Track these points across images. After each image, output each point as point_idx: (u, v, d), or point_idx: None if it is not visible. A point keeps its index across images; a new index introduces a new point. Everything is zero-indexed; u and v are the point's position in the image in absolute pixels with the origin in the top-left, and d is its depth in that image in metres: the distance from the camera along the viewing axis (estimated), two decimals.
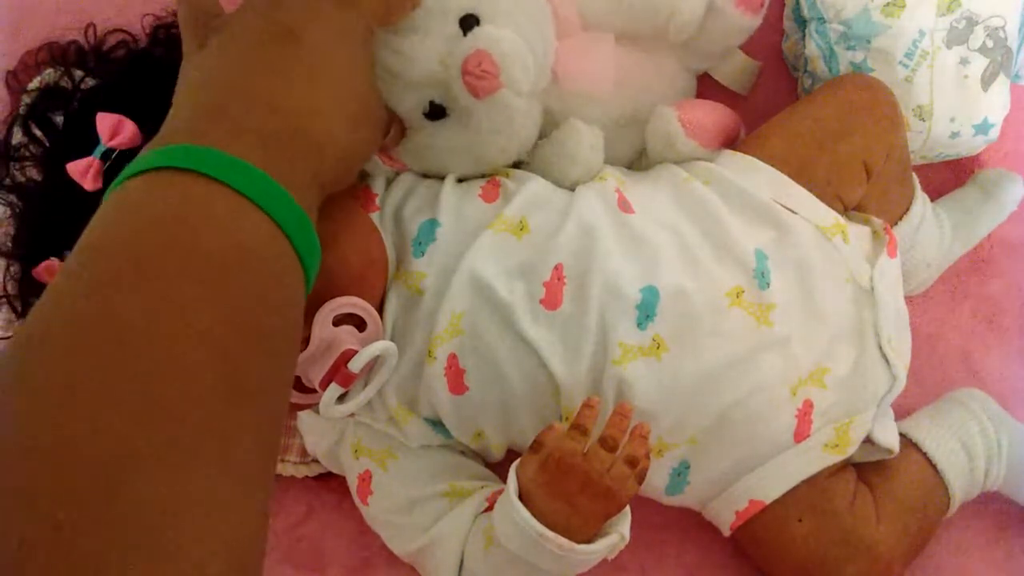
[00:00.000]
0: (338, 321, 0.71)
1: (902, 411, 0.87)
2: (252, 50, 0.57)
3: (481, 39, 0.73)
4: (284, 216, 0.51)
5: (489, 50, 0.72)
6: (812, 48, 0.90)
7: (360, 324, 0.73)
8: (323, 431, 0.85)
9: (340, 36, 0.61)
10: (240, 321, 0.45)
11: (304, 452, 0.91)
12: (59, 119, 0.81)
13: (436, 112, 0.76)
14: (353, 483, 0.82)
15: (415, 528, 0.78)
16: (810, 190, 0.82)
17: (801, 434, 0.79)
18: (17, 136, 0.82)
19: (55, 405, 0.39)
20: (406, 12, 0.70)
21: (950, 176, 0.99)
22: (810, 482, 0.79)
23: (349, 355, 0.69)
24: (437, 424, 0.80)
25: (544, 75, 0.80)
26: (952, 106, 0.88)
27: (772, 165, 0.82)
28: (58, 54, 0.90)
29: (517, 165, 0.84)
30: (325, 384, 0.70)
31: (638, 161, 0.91)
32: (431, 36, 0.74)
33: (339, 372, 0.69)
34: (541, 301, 0.75)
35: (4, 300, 0.84)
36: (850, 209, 0.85)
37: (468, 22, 0.75)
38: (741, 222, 0.80)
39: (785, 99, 0.96)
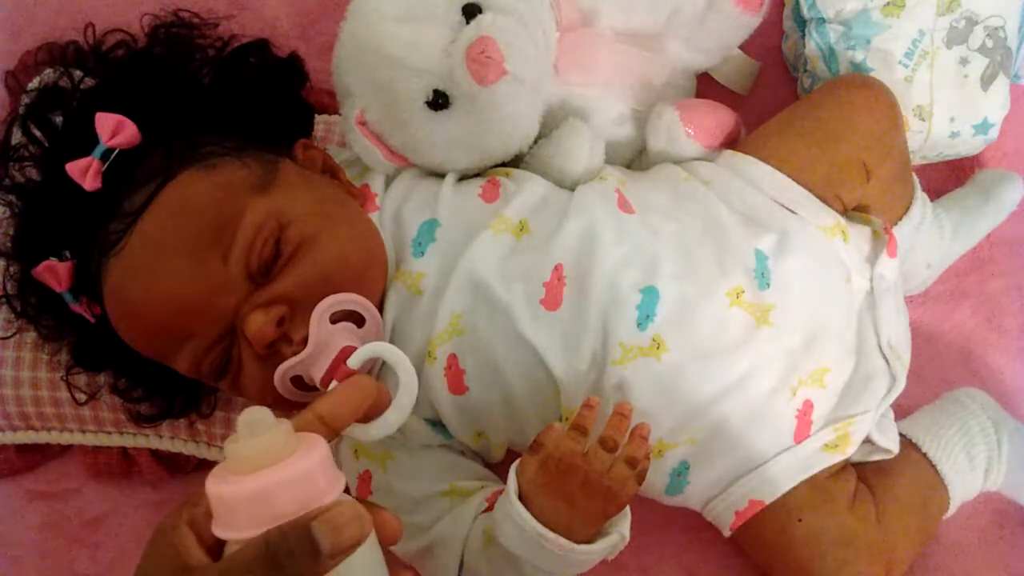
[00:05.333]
0: (336, 318, 0.71)
1: (902, 411, 0.87)
2: None
3: (485, 26, 0.73)
4: None
5: (493, 37, 0.72)
6: (812, 48, 0.90)
7: (359, 321, 0.73)
8: None
9: None
10: None
11: None
12: (58, 119, 0.81)
13: (439, 101, 0.76)
14: (353, 483, 0.82)
15: (415, 528, 0.78)
16: (810, 190, 0.82)
17: (801, 434, 0.79)
18: (16, 136, 0.82)
19: None
20: None
21: (950, 176, 0.99)
22: (810, 482, 0.79)
23: (348, 352, 0.68)
24: (437, 424, 0.80)
25: (546, 65, 0.80)
26: (952, 106, 0.88)
27: (772, 165, 0.82)
28: (57, 54, 0.90)
29: (516, 165, 0.84)
30: (326, 382, 0.69)
31: (638, 161, 0.91)
32: (434, 23, 0.74)
33: (339, 369, 0.69)
34: (541, 301, 0.75)
35: (4, 300, 0.84)
36: (850, 209, 0.85)
37: (471, 10, 0.75)
38: (741, 222, 0.80)
39: (785, 99, 0.96)
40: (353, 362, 0.66)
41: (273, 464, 0.47)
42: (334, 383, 0.68)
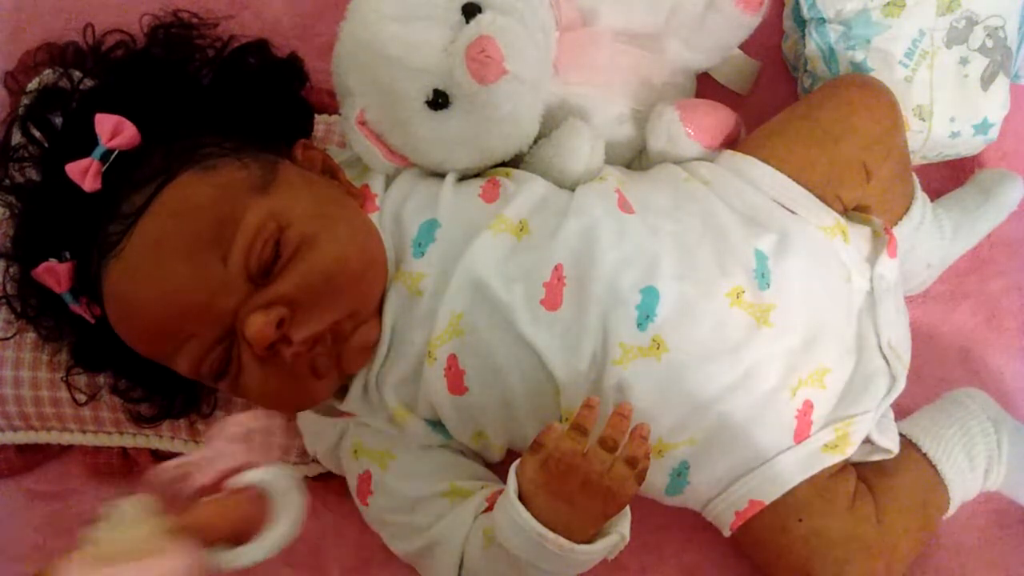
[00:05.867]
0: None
1: (902, 411, 0.87)
2: None
3: (484, 25, 0.73)
4: None
5: (493, 36, 0.72)
6: (812, 48, 0.90)
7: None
8: (322, 432, 0.84)
9: None
10: None
11: (304, 452, 0.91)
12: (58, 120, 0.81)
13: (439, 101, 0.76)
14: (353, 483, 0.82)
15: (415, 528, 0.78)
16: (810, 190, 0.82)
17: (801, 434, 0.79)
18: (16, 137, 0.82)
19: None
20: None
21: (950, 176, 0.99)
22: (810, 482, 0.79)
23: (237, 470, 0.58)
24: (436, 424, 0.80)
25: (546, 65, 0.80)
26: (952, 106, 0.88)
27: (772, 165, 0.82)
28: (57, 55, 0.90)
29: (516, 165, 0.84)
30: (201, 494, 0.58)
31: (638, 161, 0.91)
32: (434, 23, 0.74)
33: (218, 486, 0.58)
34: (541, 302, 0.75)
35: (4, 301, 0.84)
36: (850, 209, 0.85)
37: (471, 9, 0.75)
38: (741, 223, 0.80)
39: (785, 99, 0.96)
40: (234, 483, 0.58)
41: (135, 560, 0.47)
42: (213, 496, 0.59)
